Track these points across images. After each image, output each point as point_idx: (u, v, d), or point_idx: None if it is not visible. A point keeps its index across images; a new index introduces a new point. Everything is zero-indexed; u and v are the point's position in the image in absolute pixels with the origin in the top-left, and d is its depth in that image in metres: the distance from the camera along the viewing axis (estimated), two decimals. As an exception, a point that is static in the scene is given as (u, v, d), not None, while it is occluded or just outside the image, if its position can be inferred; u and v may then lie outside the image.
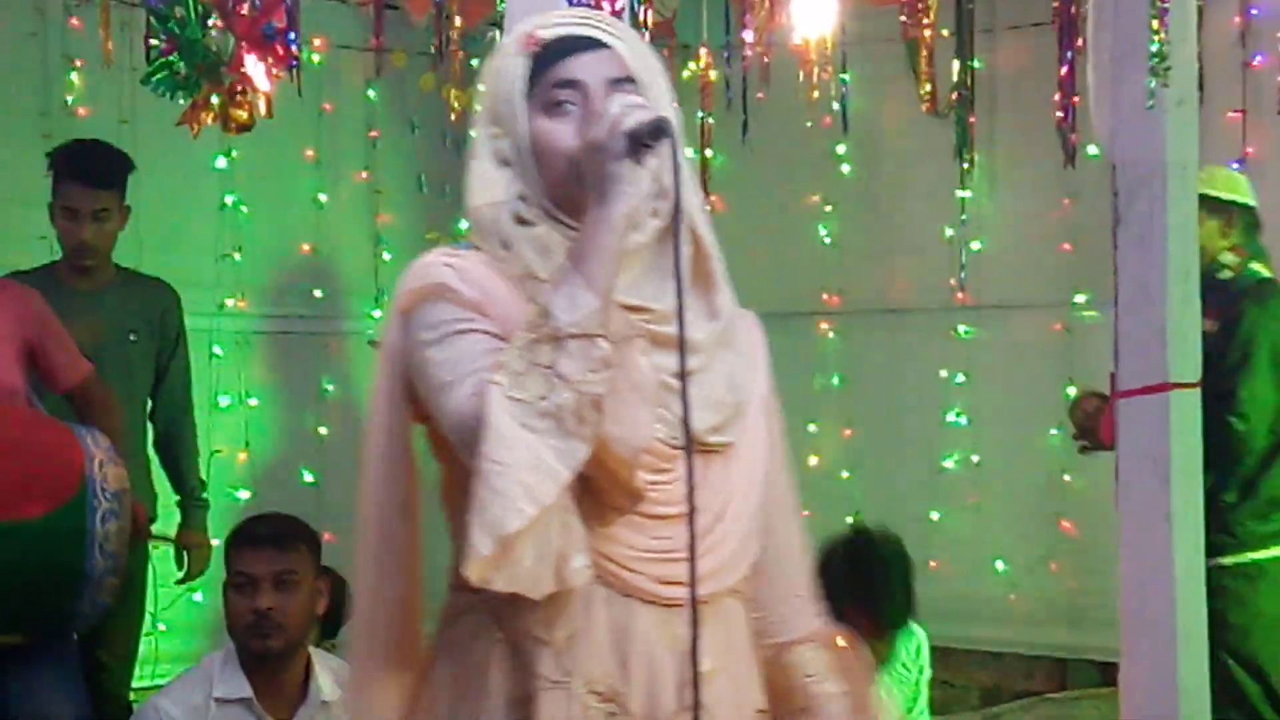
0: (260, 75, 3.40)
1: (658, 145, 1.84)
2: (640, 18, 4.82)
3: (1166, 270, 3.38)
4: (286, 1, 3.42)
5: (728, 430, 1.97)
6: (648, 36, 5.10)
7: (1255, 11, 5.41)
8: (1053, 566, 5.94)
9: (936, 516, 6.14)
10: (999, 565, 6.04)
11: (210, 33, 3.44)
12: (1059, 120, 5.12)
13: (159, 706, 3.43)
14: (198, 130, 3.78)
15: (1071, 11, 4.82)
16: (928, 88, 5.62)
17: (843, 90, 5.71)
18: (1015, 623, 6.04)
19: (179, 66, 3.44)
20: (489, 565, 1.77)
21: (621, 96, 1.88)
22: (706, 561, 1.90)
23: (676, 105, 1.99)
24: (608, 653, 1.89)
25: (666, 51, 6.08)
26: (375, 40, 5.29)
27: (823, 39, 5.17)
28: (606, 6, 2.77)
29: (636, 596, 1.90)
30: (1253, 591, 4.33)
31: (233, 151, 5.46)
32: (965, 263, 5.98)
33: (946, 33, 5.50)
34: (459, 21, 4.74)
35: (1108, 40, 3.45)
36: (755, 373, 2.05)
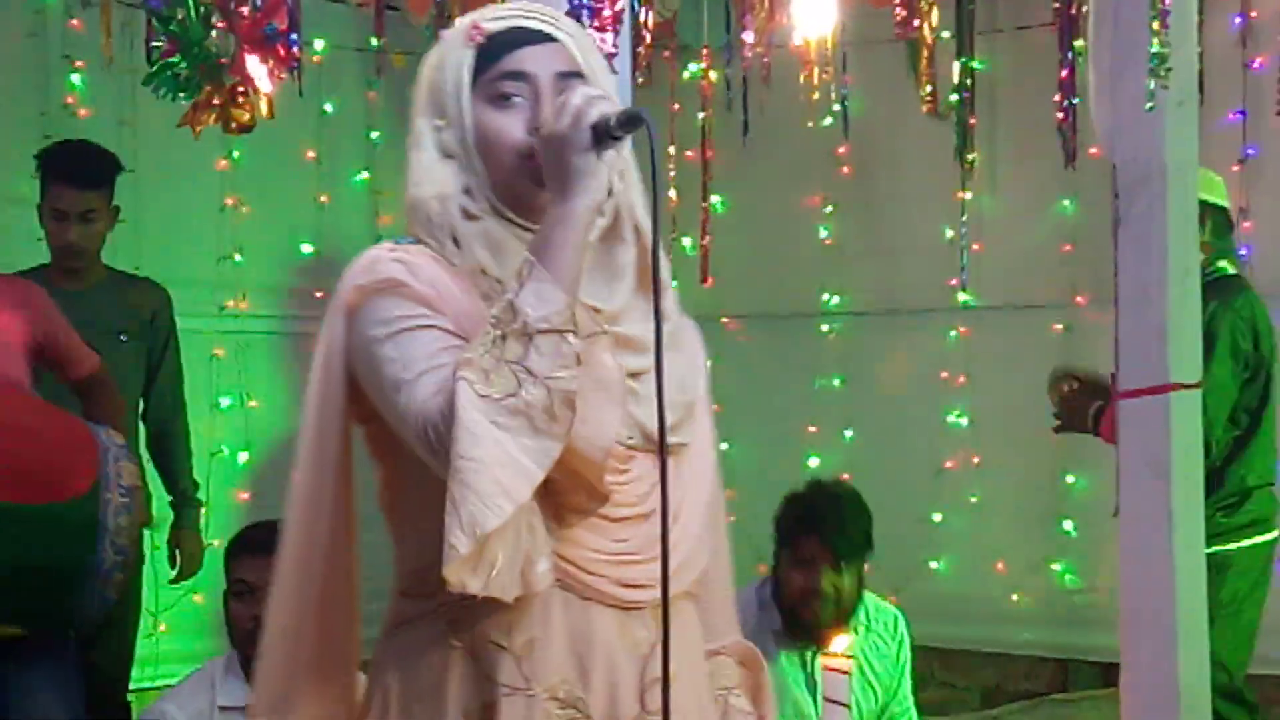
0: (263, 76, 3.40)
1: (625, 136, 1.78)
2: (641, 18, 4.85)
3: (1167, 271, 3.39)
4: (288, 2, 3.42)
5: (682, 430, 1.93)
6: (649, 37, 5.14)
7: (1255, 13, 5.41)
8: (1054, 567, 5.94)
9: (938, 517, 6.13)
10: (1000, 566, 6.03)
11: (212, 34, 3.44)
12: (1059, 121, 5.12)
13: (165, 711, 3.44)
14: (199, 131, 3.78)
15: (1072, 12, 4.82)
16: (928, 89, 5.62)
17: (843, 91, 5.71)
18: (1016, 623, 6.03)
19: (180, 68, 3.44)
20: (466, 567, 1.71)
21: (583, 88, 1.82)
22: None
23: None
24: (568, 658, 1.84)
25: (667, 52, 6.10)
26: (375, 41, 5.28)
27: (823, 40, 5.17)
28: (606, 8, 2.76)
29: (596, 600, 1.85)
30: (1217, 582, 4.31)
31: (233, 152, 5.46)
32: (966, 263, 5.97)
33: (947, 34, 5.50)
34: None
35: (1108, 41, 3.45)
36: (699, 375, 2.01)
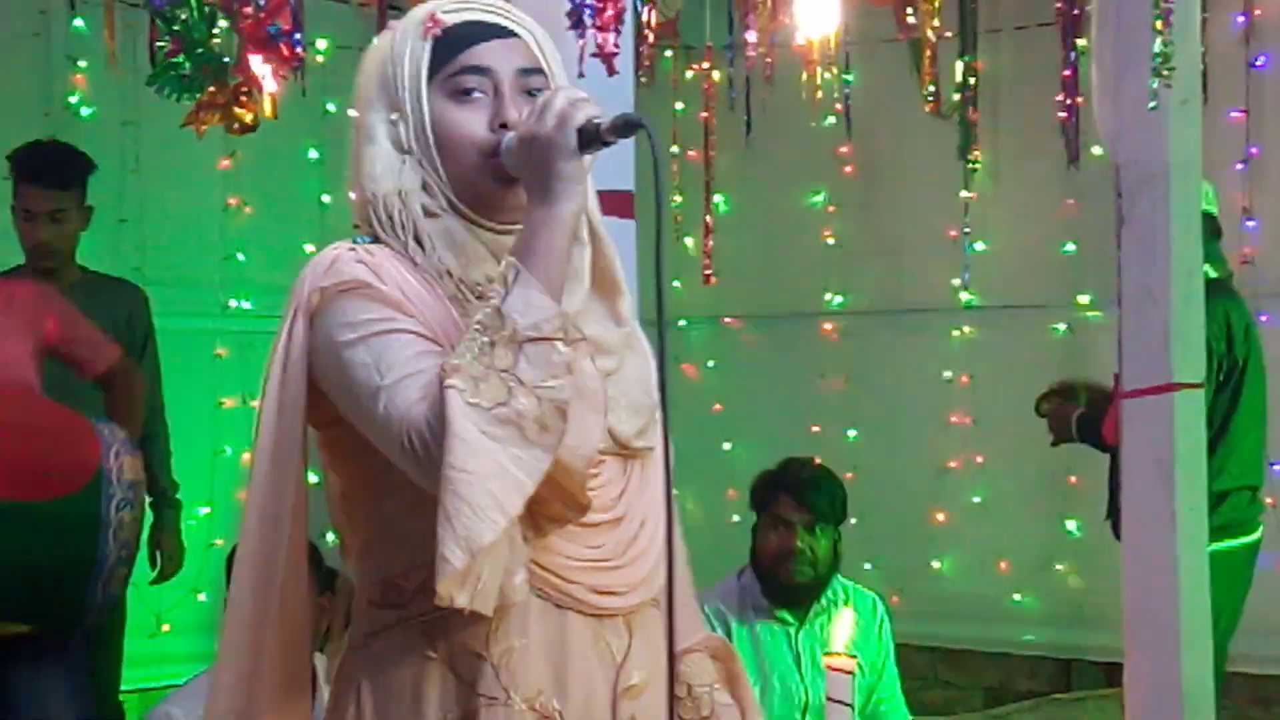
0: (266, 76, 3.40)
1: (617, 141, 1.74)
2: (644, 18, 4.85)
3: (1170, 270, 3.38)
4: (291, 2, 3.42)
5: (649, 434, 1.90)
6: (651, 37, 5.15)
7: (1258, 11, 5.42)
8: (1057, 567, 5.94)
9: (941, 517, 6.14)
10: (1003, 565, 6.03)
11: (215, 34, 3.44)
12: (1062, 120, 5.13)
13: (170, 714, 3.44)
14: (202, 131, 3.78)
15: (1074, 12, 4.83)
16: (931, 88, 5.63)
17: (846, 91, 5.71)
18: (1019, 623, 6.03)
19: (184, 68, 3.44)
20: (457, 581, 1.67)
21: (565, 90, 1.77)
22: (637, 569, 1.86)
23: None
24: (545, 668, 1.81)
25: (670, 52, 6.11)
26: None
27: (826, 39, 5.17)
28: (609, 8, 2.76)
29: (572, 608, 1.82)
30: None
31: (236, 152, 5.46)
32: (969, 263, 5.98)
33: (950, 34, 5.50)
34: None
35: (1111, 40, 3.45)
36: (653, 378, 1.96)
